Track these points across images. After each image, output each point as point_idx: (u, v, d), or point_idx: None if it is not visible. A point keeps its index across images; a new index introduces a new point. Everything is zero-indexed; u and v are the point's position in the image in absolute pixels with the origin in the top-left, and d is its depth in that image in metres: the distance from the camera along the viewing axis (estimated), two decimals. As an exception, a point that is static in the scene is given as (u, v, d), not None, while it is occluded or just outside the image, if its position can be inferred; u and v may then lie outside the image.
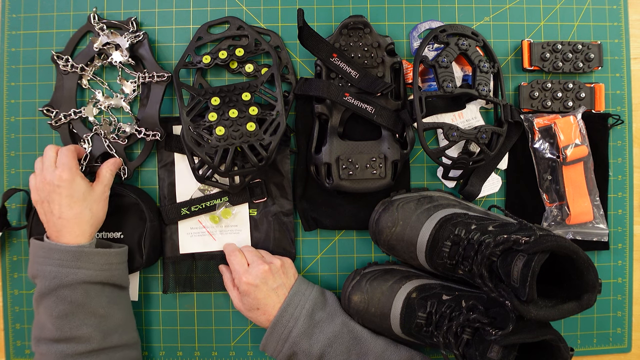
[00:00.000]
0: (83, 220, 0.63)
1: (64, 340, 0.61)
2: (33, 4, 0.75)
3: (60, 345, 0.61)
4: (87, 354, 0.61)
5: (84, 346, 0.61)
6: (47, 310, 0.61)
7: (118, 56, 0.72)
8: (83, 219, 0.63)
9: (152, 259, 0.72)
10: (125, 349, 0.66)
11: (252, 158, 0.67)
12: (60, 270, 0.61)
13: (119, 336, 0.65)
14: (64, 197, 0.63)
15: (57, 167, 0.64)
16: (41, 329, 0.63)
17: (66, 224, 0.62)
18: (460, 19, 0.76)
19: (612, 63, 0.76)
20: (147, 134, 0.71)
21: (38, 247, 0.63)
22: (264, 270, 0.66)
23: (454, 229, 0.62)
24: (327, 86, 0.69)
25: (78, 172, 0.64)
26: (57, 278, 0.61)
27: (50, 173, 0.63)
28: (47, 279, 0.61)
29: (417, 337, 0.64)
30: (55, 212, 0.63)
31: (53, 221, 0.63)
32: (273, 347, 0.66)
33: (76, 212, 0.63)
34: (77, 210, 0.63)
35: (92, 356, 0.62)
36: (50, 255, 0.62)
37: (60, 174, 0.63)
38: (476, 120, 0.73)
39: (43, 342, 0.62)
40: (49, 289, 0.61)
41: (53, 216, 0.63)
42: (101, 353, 0.62)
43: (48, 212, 0.64)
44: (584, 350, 0.76)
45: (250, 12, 0.75)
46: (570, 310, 0.54)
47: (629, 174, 0.76)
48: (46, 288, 0.61)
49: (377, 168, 0.69)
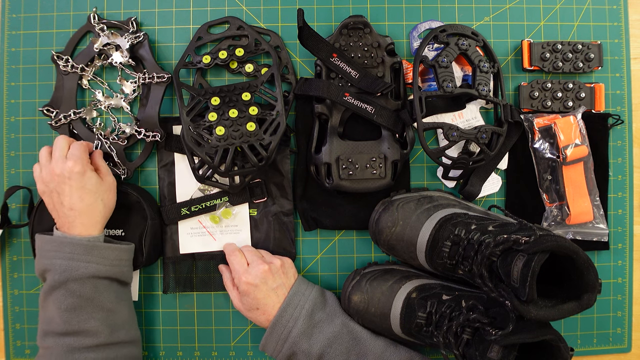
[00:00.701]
0: (96, 211, 0.64)
1: (72, 334, 0.61)
2: (33, 4, 0.75)
3: (68, 339, 0.61)
4: (94, 347, 0.61)
5: (92, 340, 0.61)
6: (55, 303, 0.61)
7: (118, 57, 0.72)
8: (96, 209, 0.64)
9: (152, 258, 0.72)
10: (130, 345, 0.66)
11: (252, 158, 0.67)
12: (71, 263, 0.61)
13: (125, 332, 0.65)
14: (75, 189, 0.62)
15: (68, 159, 0.63)
16: (49, 322, 0.62)
17: (78, 215, 0.63)
18: (460, 19, 0.76)
19: (612, 63, 0.76)
20: (147, 134, 0.71)
21: (47, 241, 0.63)
22: (264, 270, 0.66)
23: (454, 229, 0.62)
24: (327, 86, 0.69)
25: (89, 165, 0.65)
26: (68, 271, 0.61)
27: (60, 164, 0.63)
28: (57, 272, 0.61)
29: (417, 337, 0.64)
30: (66, 203, 0.63)
31: (64, 212, 0.63)
32: (273, 347, 0.66)
33: (88, 203, 0.63)
34: (89, 201, 0.63)
35: (99, 350, 0.62)
36: (60, 249, 0.62)
37: (72, 167, 0.62)
38: (476, 120, 0.73)
39: (50, 335, 0.62)
40: (59, 282, 0.61)
41: (63, 207, 0.63)
42: (108, 348, 0.63)
43: (58, 203, 0.64)
44: (584, 350, 0.76)
45: (250, 12, 0.75)
46: (570, 310, 0.54)
47: (629, 174, 0.76)
48: (56, 281, 0.61)
49: (377, 168, 0.69)
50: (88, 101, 0.74)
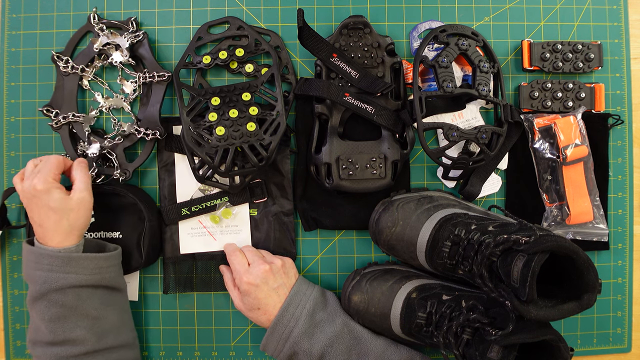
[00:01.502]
0: (61, 229, 0.62)
1: (59, 343, 0.61)
2: (33, 4, 0.75)
3: (55, 348, 0.61)
4: (82, 355, 0.61)
5: (79, 348, 0.61)
6: (39, 314, 0.61)
7: (118, 56, 0.72)
8: (61, 227, 0.62)
9: (151, 259, 0.72)
10: (121, 349, 0.65)
11: (252, 158, 0.67)
12: (50, 275, 0.61)
13: (114, 337, 0.65)
14: (39, 206, 0.62)
15: (34, 176, 0.63)
16: (36, 331, 0.63)
17: (47, 230, 0.62)
18: (460, 19, 0.76)
19: (612, 63, 0.76)
20: (147, 133, 0.71)
21: (29, 252, 0.63)
22: (265, 270, 0.66)
23: (454, 229, 0.62)
24: (327, 86, 0.69)
25: (54, 183, 0.62)
26: (47, 283, 0.61)
27: (28, 181, 0.62)
28: (38, 284, 0.61)
29: (417, 337, 0.64)
30: (36, 219, 0.62)
31: (35, 227, 0.63)
32: (273, 347, 0.66)
33: (54, 220, 0.62)
34: (54, 219, 0.62)
35: (87, 358, 0.62)
36: (39, 260, 0.61)
37: (35, 184, 0.61)
38: (476, 120, 0.73)
39: (38, 345, 0.62)
40: (40, 293, 0.61)
41: (34, 222, 0.63)
42: (96, 355, 0.62)
43: (30, 218, 0.64)
44: (584, 350, 0.76)
45: (250, 12, 0.75)
46: (570, 310, 0.54)
47: (629, 174, 0.76)
48: (37, 292, 0.61)
49: (377, 168, 0.69)
50: (88, 101, 0.74)
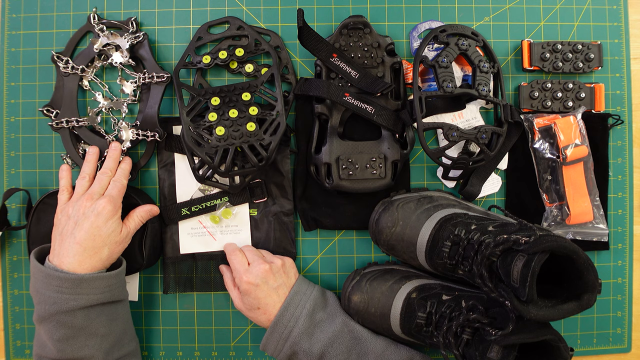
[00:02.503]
0: (97, 256, 0.62)
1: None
2: (33, 4, 0.75)
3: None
4: None
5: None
6: (47, 333, 0.60)
7: (118, 57, 0.72)
8: (98, 254, 0.62)
9: (152, 260, 0.72)
10: (126, 358, 0.65)
11: (252, 158, 0.67)
12: (60, 296, 0.60)
13: (118, 349, 0.64)
14: (93, 226, 0.61)
15: (104, 196, 0.63)
16: (42, 347, 0.62)
17: (81, 251, 0.61)
18: (460, 19, 0.76)
19: (612, 63, 0.76)
20: (146, 134, 0.71)
21: (38, 270, 0.62)
22: (265, 269, 0.66)
23: (454, 229, 0.62)
24: (327, 86, 0.69)
25: (118, 211, 0.64)
26: (57, 304, 0.59)
27: (95, 197, 0.63)
28: (47, 304, 0.60)
29: (417, 337, 0.64)
30: (78, 237, 0.61)
31: (69, 242, 0.62)
32: (273, 347, 0.66)
33: (96, 245, 0.62)
34: (97, 244, 0.62)
35: None
36: (49, 281, 0.60)
37: (104, 204, 0.62)
38: (476, 120, 0.73)
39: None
40: (49, 313, 0.60)
41: (73, 238, 0.61)
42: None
43: (68, 232, 0.62)
44: (584, 350, 0.76)
45: (250, 12, 0.75)
46: (570, 310, 0.54)
47: (629, 174, 0.76)
48: (45, 312, 0.60)
49: (377, 168, 0.69)
50: (88, 102, 0.74)
